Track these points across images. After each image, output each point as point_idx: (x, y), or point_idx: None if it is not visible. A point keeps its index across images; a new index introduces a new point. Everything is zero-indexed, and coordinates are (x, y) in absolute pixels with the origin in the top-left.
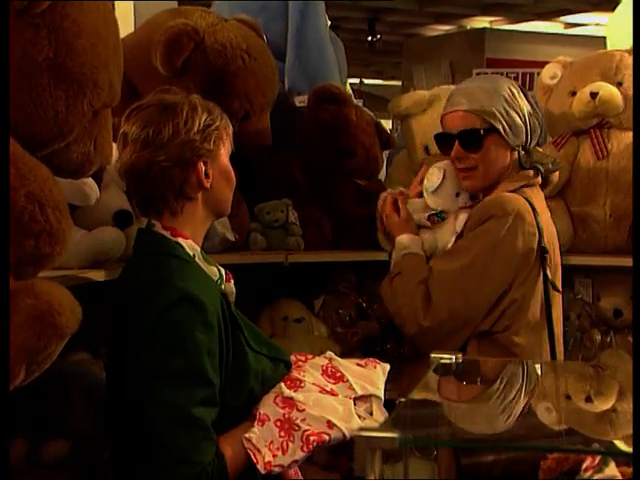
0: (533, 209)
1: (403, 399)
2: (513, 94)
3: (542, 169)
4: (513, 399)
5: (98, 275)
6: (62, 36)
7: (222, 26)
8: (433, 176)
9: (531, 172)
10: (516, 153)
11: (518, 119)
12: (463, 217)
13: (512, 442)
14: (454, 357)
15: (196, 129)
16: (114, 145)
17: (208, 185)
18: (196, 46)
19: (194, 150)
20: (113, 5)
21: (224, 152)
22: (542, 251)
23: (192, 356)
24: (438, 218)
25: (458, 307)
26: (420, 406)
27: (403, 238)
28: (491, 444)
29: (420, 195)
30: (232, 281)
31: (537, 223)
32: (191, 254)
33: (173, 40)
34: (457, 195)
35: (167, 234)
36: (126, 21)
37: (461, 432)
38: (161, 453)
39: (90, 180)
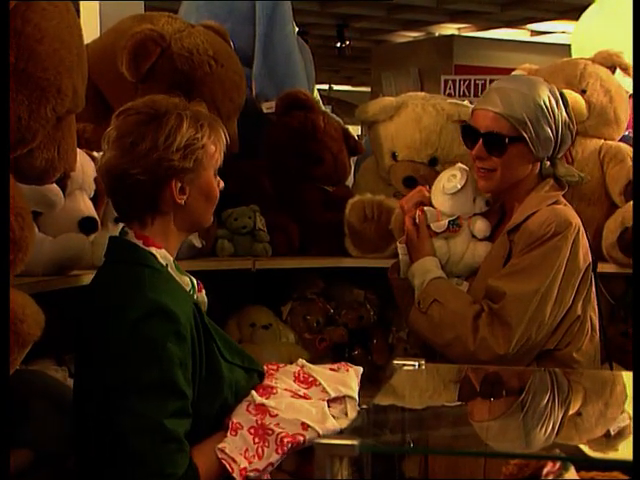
0: None
1: (365, 405)
2: (551, 103)
3: (570, 181)
4: (478, 405)
5: (62, 282)
6: (24, 41)
7: (189, 32)
8: (455, 178)
9: (551, 181)
10: (539, 163)
11: (549, 131)
12: (481, 224)
13: (474, 448)
14: (417, 363)
15: (175, 147)
16: (78, 150)
17: (182, 202)
18: (162, 52)
19: (170, 168)
20: (78, 9)
21: (208, 167)
22: (594, 263)
23: (164, 368)
24: (455, 226)
25: (534, 331)
26: (383, 412)
27: (425, 262)
28: (452, 450)
29: (420, 204)
30: (204, 291)
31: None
32: (164, 264)
33: (139, 46)
34: (474, 200)
35: (139, 243)
36: (91, 23)
37: (422, 438)
38: (133, 466)
39: (54, 186)
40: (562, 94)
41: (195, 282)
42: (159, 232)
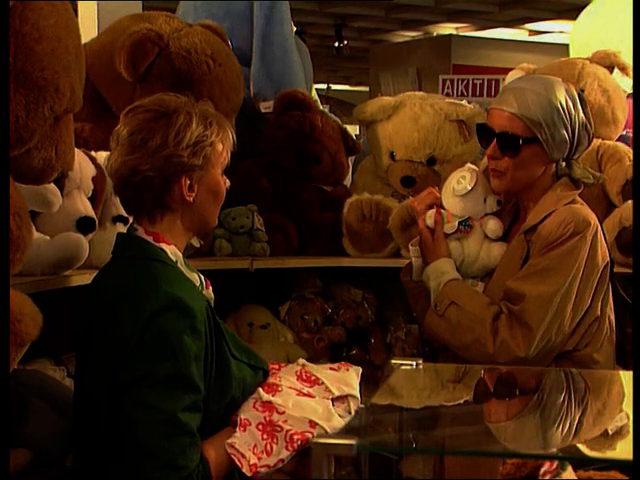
0: None
1: (363, 405)
2: (567, 104)
3: (586, 183)
4: (475, 404)
5: (60, 282)
6: (21, 40)
7: (187, 31)
8: (464, 179)
9: (566, 179)
10: (554, 164)
11: (565, 133)
12: (493, 224)
13: (472, 447)
14: (414, 363)
15: (185, 144)
16: (76, 150)
17: (191, 199)
18: (160, 52)
19: (179, 165)
20: (76, 8)
21: (216, 165)
22: (611, 263)
23: (180, 362)
24: (466, 226)
25: (554, 332)
26: (380, 411)
27: (440, 263)
28: (450, 450)
29: (432, 205)
30: (211, 288)
31: (603, 234)
32: (174, 260)
33: (137, 45)
34: (485, 200)
35: (150, 239)
36: (89, 22)
37: (420, 437)
38: (145, 458)
39: (52, 186)
40: (580, 95)
41: (203, 279)
42: (167, 229)
